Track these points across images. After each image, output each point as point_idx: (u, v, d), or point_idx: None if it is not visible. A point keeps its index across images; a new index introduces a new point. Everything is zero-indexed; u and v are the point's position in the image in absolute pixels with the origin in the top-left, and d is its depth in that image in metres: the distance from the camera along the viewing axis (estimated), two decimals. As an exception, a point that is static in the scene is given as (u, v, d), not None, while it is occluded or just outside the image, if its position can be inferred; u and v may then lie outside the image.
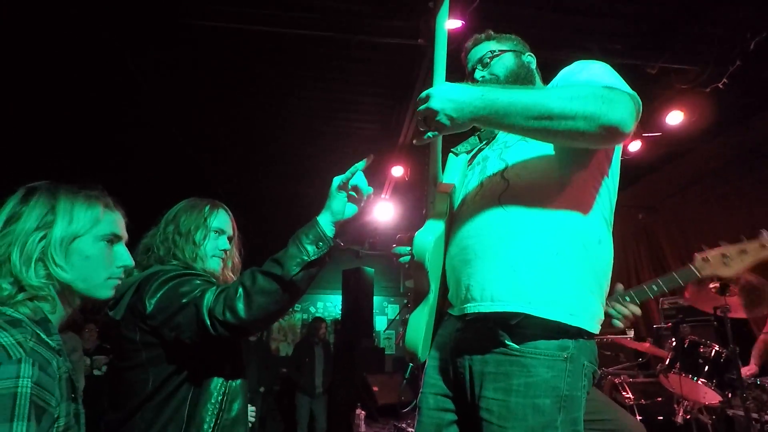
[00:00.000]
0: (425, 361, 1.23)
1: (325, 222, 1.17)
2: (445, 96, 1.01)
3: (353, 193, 1.19)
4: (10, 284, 0.88)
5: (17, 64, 3.44)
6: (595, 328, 1.08)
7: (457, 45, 1.45)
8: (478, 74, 1.33)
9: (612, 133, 0.98)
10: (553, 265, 1.05)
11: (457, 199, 1.29)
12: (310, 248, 1.14)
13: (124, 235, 1.05)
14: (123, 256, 1.03)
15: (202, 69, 3.71)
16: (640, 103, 1.04)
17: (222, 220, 1.44)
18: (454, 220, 1.23)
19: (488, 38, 1.38)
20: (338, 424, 5.46)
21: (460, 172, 1.30)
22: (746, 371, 3.11)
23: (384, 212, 5.48)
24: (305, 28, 3.07)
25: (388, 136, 4.54)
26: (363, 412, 4.37)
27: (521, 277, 1.05)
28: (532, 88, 1.13)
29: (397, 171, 4.65)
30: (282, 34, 3.15)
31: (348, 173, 1.16)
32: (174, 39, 3.31)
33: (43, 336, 0.87)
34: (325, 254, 1.16)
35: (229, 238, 1.46)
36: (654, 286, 1.51)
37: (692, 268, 1.60)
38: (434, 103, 1.01)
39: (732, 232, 4.71)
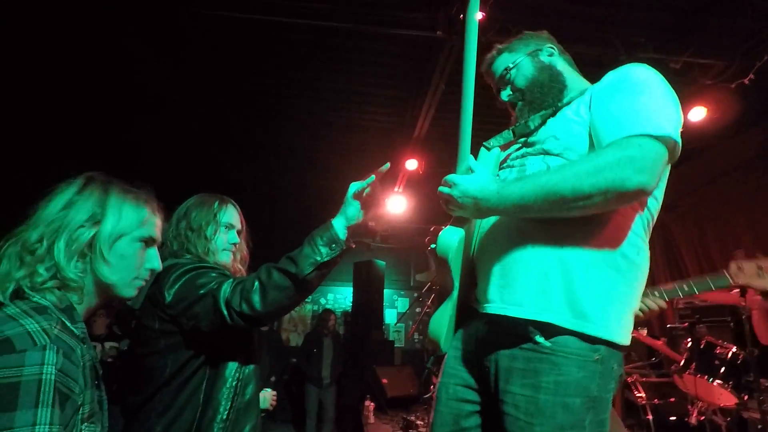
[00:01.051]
0: (445, 353, 1.25)
1: (339, 226, 1.24)
2: (466, 191, 1.09)
3: (367, 201, 1.26)
4: (46, 270, 0.89)
5: (21, 60, 3.48)
6: (626, 340, 1.08)
7: (478, 39, 1.42)
8: (504, 95, 1.36)
9: (632, 197, 1.00)
10: (584, 279, 1.05)
11: None
12: (324, 250, 1.21)
13: (159, 239, 1.08)
14: (153, 259, 1.05)
15: (214, 60, 3.71)
16: (677, 139, 1.01)
17: (231, 215, 1.52)
18: (490, 221, 1.22)
19: (499, 53, 1.37)
20: (347, 416, 5.51)
21: (492, 167, 1.30)
22: None
23: (397, 205, 5.46)
24: (320, 19, 3.05)
25: (402, 129, 4.51)
26: (372, 404, 4.40)
27: (549, 287, 1.06)
28: (549, 174, 1.05)
29: (411, 164, 4.63)
30: (296, 25, 3.13)
31: (365, 182, 1.24)
32: (186, 29, 3.31)
33: (68, 324, 0.88)
34: (338, 256, 1.23)
35: (238, 232, 1.53)
36: (685, 287, 1.54)
37: (726, 275, 1.61)
38: (456, 194, 1.10)
39: (751, 233, 4.62)
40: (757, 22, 3.01)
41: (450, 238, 1.16)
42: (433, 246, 1.30)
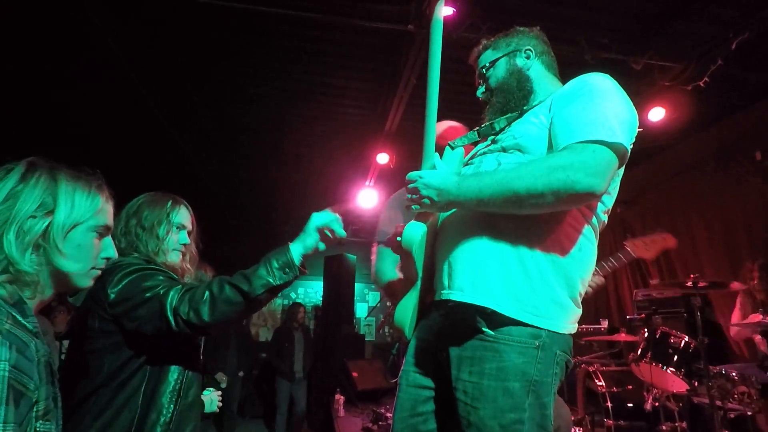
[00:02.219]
0: (409, 341, 1.31)
1: (296, 252, 1.28)
2: (429, 183, 1.17)
3: (327, 233, 1.31)
4: None
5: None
6: (565, 328, 1.15)
7: (447, 33, 1.44)
8: (479, 92, 1.42)
9: (583, 198, 1.06)
10: (523, 268, 1.12)
11: None
12: (278, 273, 1.25)
13: (112, 226, 1.04)
14: (109, 248, 1.02)
15: (185, 48, 3.59)
16: (627, 147, 1.07)
17: (183, 215, 1.52)
18: (447, 215, 1.30)
19: (485, 48, 1.42)
20: (317, 409, 5.50)
21: (456, 165, 1.34)
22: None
23: (367, 199, 5.46)
24: (293, 9, 3.00)
25: (374, 123, 4.49)
26: (342, 397, 4.40)
27: (489, 274, 1.13)
28: (505, 172, 1.12)
29: (382, 158, 4.62)
30: (267, 14, 3.06)
31: (328, 218, 1.30)
32: (156, 13, 3.19)
33: (20, 318, 0.84)
34: (290, 281, 1.27)
35: (189, 233, 1.54)
36: (605, 263, 2.09)
37: (628, 250, 2.14)
38: (420, 186, 1.18)
39: (706, 227, 4.85)
40: (713, 26, 3.16)
41: (414, 232, 1.23)
42: (379, 241, 1.41)
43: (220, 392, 1.78)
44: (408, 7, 2.93)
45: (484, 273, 1.14)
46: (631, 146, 1.17)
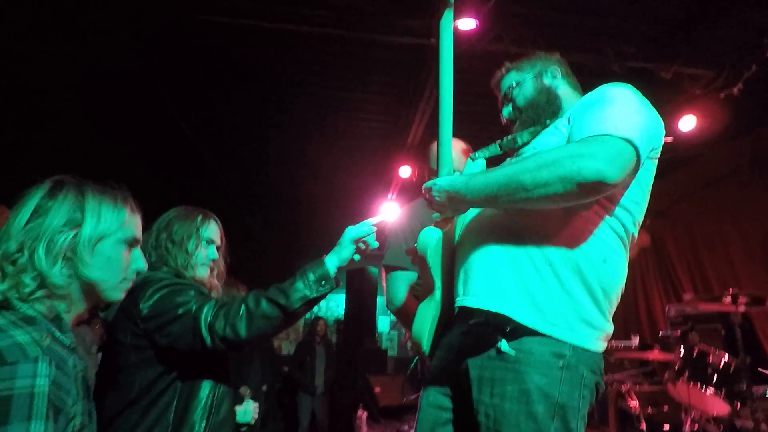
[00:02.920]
0: (428, 354, 1.27)
1: (332, 265, 1.29)
2: (441, 187, 1.19)
3: (361, 245, 1.32)
4: (32, 279, 0.86)
5: (31, 62, 3.44)
6: (592, 345, 1.08)
7: (471, 46, 1.44)
8: (505, 112, 1.42)
9: (594, 188, 1.00)
10: (539, 276, 1.08)
11: None
12: (315, 286, 1.25)
13: (141, 238, 1.06)
14: (138, 260, 1.03)
15: (212, 66, 3.70)
16: (638, 146, 1.01)
17: (213, 230, 1.52)
18: (466, 223, 1.29)
19: (507, 71, 1.43)
20: (340, 425, 5.44)
21: None
22: None
23: (390, 213, 5.45)
24: (316, 26, 3.05)
25: (397, 136, 4.51)
26: (365, 413, 4.35)
27: (504, 280, 1.11)
28: (509, 164, 1.14)
29: (405, 171, 4.62)
30: (292, 32, 3.13)
31: (362, 230, 1.31)
32: (186, 35, 3.30)
33: (58, 334, 0.85)
34: (326, 293, 1.27)
35: (218, 248, 1.54)
36: None
37: None
38: (434, 193, 1.20)
39: (741, 238, 4.65)
40: (745, 32, 3.06)
41: (428, 237, 1.22)
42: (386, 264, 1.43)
43: (257, 404, 1.79)
44: (430, 21, 2.94)
45: (499, 279, 1.11)
46: (655, 156, 1.14)
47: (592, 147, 1.00)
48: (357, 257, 1.32)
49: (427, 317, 1.22)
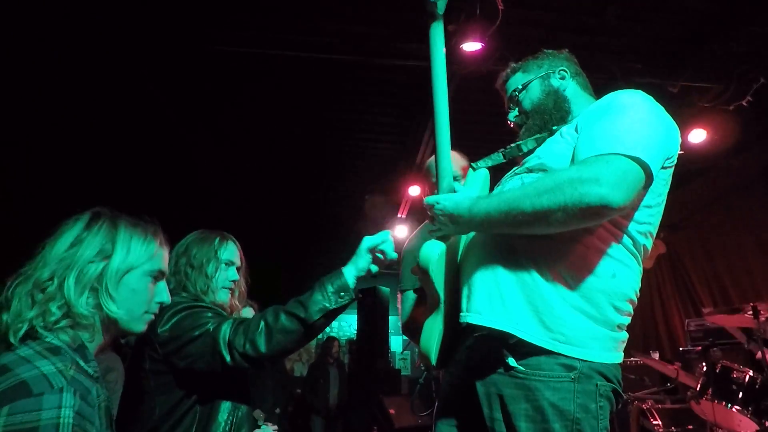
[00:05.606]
0: (436, 366, 1.23)
1: (350, 275, 1.26)
2: (445, 208, 1.14)
3: (379, 255, 1.29)
4: (58, 308, 0.88)
5: (43, 100, 3.56)
6: (605, 357, 1.04)
7: (477, 67, 1.47)
8: (511, 116, 1.38)
9: (598, 213, 0.95)
10: (539, 293, 1.05)
11: None
12: (333, 297, 1.23)
13: (167, 271, 1.08)
14: (163, 292, 1.05)
15: (222, 93, 3.80)
16: (648, 162, 0.97)
17: (232, 251, 1.51)
18: (471, 237, 1.26)
19: (514, 72, 1.38)
20: (354, 448, 5.35)
21: (480, 187, 1.31)
22: None
23: (400, 232, 5.46)
24: (324, 52, 3.14)
25: (405, 156, 4.56)
26: (380, 435, 4.27)
27: (507, 298, 1.07)
28: (513, 191, 1.10)
29: (414, 190, 4.65)
30: (301, 58, 3.22)
31: (379, 239, 1.28)
32: (196, 63, 3.40)
33: (82, 363, 0.87)
34: (346, 304, 1.25)
35: (238, 269, 1.53)
36: None
37: None
38: (437, 212, 1.16)
39: (759, 249, 4.56)
40: (751, 45, 3.07)
41: (431, 250, 1.19)
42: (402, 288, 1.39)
43: (276, 427, 1.77)
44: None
45: (502, 296, 1.07)
46: (670, 165, 1.09)
47: (595, 169, 0.95)
48: (375, 268, 1.29)
49: (434, 331, 1.19)
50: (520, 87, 1.33)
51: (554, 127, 1.23)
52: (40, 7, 2.79)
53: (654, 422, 3.27)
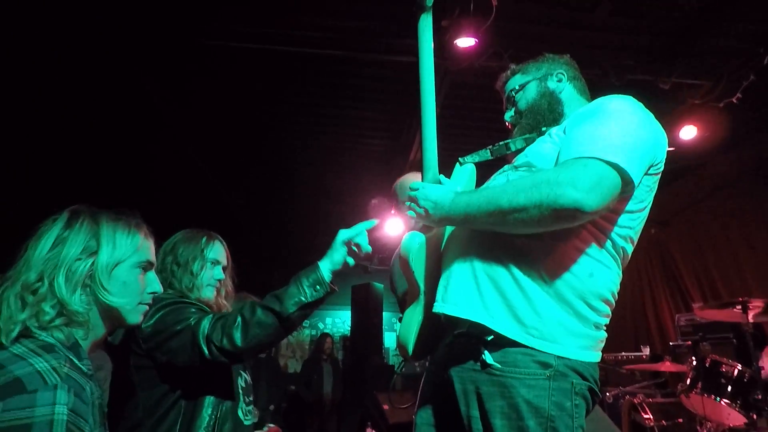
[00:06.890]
0: (414, 359, 1.25)
1: (325, 269, 1.28)
2: (428, 196, 1.16)
3: (354, 248, 1.30)
4: (51, 307, 0.89)
5: (38, 97, 3.51)
6: (581, 355, 1.05)
7: (471, 63, 1.47)
8: (507, 115, 1.40)
9: (570, 216, 0.97)
10: (518, 287, 1.06)
11: None
12: (309, 291, 1.24)
13: (155, 261, 1.08)
14: (154, 282, 1.06)
15: (218, 89, 3.77)
16: (627, 170, 0.98)
17: (217, 251, 1.53)
18: (453, 229, 1.27)
19: (513, 73, 1.40)
20: (348, 444, 5.37)
21: (465, 182, 1.32)
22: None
23: (394, 228, 5.46)
24: (318, 48, 3.12)
25: (399, 153, 4.55)
26: (374, 431, 4.29)
27: (484, 291, 1.08)
28: (494, 187, 1.12)
29: (408, 187, 4.65)
30: (291, 53, 3.20)
31: (354, 232, 1.30)
32: (191, 61, 3.37)
33: (76, 361, 0.87)
34: (322, 297, 1.26)
35: (224, 268, 1.54)
36: None
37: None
38: (420, 197, 1.17)
39: (748, 246, 4.62)
40: (742, 42, 3.10)
41: (411, 241, 1.20)
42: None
43: (275, 426, 1.77)
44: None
45: (479, 289, 1.09)
46: (655, 172, 1.10)
47: (573, 172, 0.97)
48: (351, 260, 1.31)
49: (413, 321, 1.20)
50: (518, 87, 1.35)
51: (544, 128, 1.25)
52: (40, 7, 2.75)
53: (645, 416, 3.31)
